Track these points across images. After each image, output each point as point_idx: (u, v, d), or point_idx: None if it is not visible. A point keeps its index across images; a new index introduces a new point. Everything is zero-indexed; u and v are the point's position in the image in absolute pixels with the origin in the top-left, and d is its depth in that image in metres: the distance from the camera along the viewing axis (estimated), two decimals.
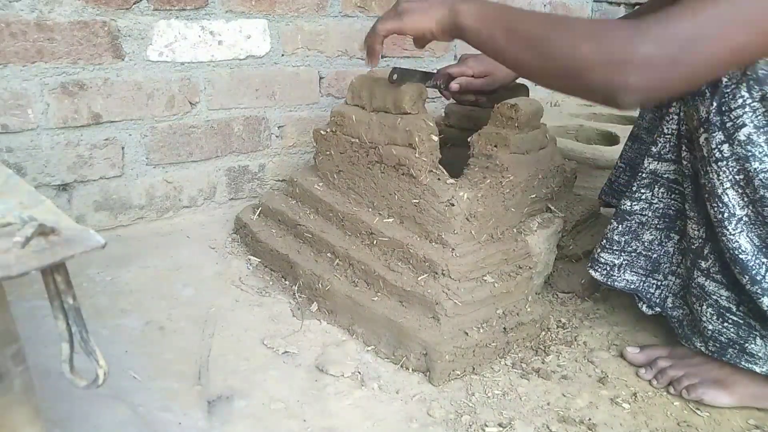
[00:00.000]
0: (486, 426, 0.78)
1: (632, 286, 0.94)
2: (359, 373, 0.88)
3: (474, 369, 0.89)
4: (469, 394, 0.85)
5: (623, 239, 0.92)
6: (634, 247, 0.92)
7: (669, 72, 0.68)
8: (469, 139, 1.04)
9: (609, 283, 0.95)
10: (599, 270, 0.95)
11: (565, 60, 0.73)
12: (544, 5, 2.07)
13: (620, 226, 0.92)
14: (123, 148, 1.23)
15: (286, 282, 1.10)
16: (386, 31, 0.88)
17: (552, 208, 1.08)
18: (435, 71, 1.09)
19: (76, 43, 1.12)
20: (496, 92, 1.14)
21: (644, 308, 0.94)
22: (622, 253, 0.93)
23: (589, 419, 0.81)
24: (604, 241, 0.94)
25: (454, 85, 1.08)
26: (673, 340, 0.93)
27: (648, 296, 0.94)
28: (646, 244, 0.92)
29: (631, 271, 0.94)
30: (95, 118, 1.18)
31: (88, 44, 1.13)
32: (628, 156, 1.19)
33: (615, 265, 0.94)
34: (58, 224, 0.41)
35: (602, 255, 0.94)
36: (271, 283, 1.11)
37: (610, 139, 1.76)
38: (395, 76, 0.98)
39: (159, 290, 1.06)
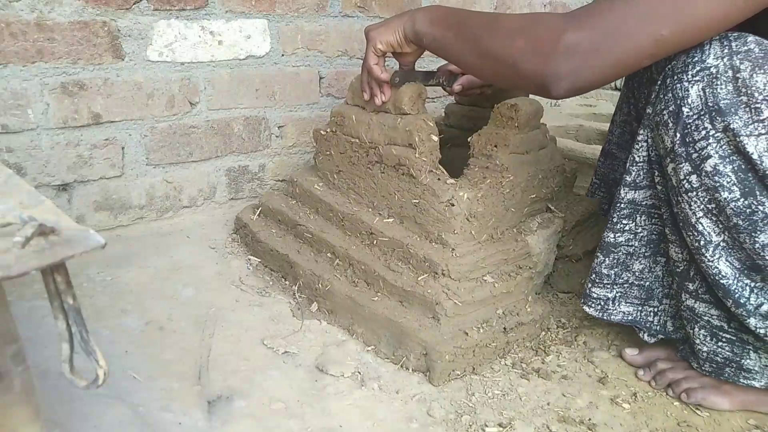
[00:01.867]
0: (486, 426, 0.78)
1: (630, 318, 0.91)
2: (359, 373, 0.88)
3: (474, 369, 0.89)
4: (469, 394, 0.85)
5: (612, 272, 0.90)
6: (626, 278, 0.90)
7: (594, 59, 0.71)
8: (469, 139, 1.04)
9: (605, 317, 0.92)
10: (593, 305, 0.92)
11: (501, 55, 0.78)
12: (544, 5, 2.07)
13: (607, 259, 0.89)
14: (123, 148, 1.23)
15: (286, 282, 1.10)
16: (368, 62, 0.96)
17: (552, 208, 1.08)
18: (436, 69, 1.09)
19: (76, 43, 1.12)
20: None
21: (646, 337, 0.91)
22: (614, 286, 0.90)
23: (589, 419, 0.81)
24: (594, 275, 0.91)
25: (457, 86, 1.09)
26: (673, 341, 0.93)
27: (648, 325, 0.92)
28: (637, 273, 0.89)
29: (626, 303, 0.91)
30: (95, 118, 1.18)
31: (88, 44, 1.13)
32: (602, 172, 1.20)
33: (609, 298, 0.91)
34: (58, 224, 0.41)
35: (594, 290, 0.91)
36: (271, 283, 1.11)
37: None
38: (397, 80, 0.98)
39: (159, 290, 1.06)
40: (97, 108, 1.18)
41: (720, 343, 0.81)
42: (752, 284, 0.75)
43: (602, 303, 0.92)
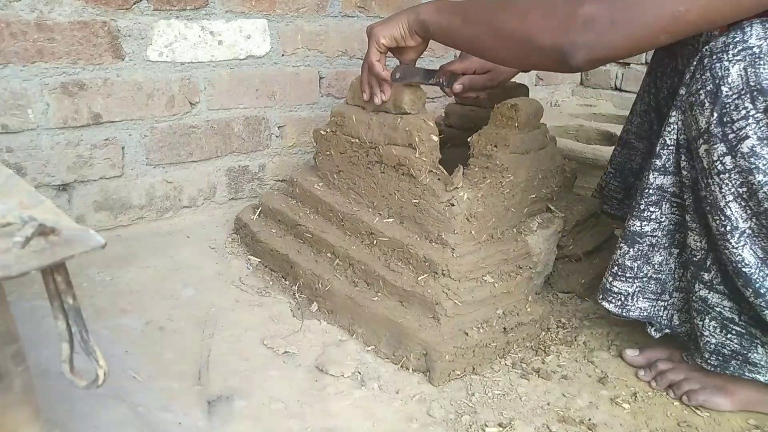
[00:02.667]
0: (486, 426, 0.78)
1: (645, 314, 0.90)
2: (359, 373, 0.88)
3: (474, 369, 0.89)
4: (469, 394, 0.85)
5: (636, 264, 0.87)
6: (646, 272, 0.88)
7: (610, 32, 0.71)
8: (469, 139, 1.04)
9: (624, 314, 0.90)
10: (613, 301, 0.90)
11: (516, 32, 0.78)
12: None
13: (631, 249, 0.87)
14: (123, 148, 1.23)
15: (286, 282, 1.10)
16: (370, 58, 0.95)
17: (552, 208, 1.08)
18: (438, 68, 1.07)
19: (76, 43, 1.12)
20: (500, 87, 1.13)
21: (653, 332, 0.90)
22: (635, 280, 0.88)
23: (589, 419, 0.81)
24: (616, 268, 0.88)
25: (458, 86, 1.06)
26: (673, 341, 0.93)
27: (657, 320, 0.90)
28: (656, 266, 0.88)
29: (643, 298, 0.89)
30: (95, 118, 1.18)
31: (88, 44, 1.13)
32: (617, 161, 1.19)
33: (629, 294, 0.89)
34: (58, 224, 0.41)
35: (615, 284, 0.89)
36: (271, 283, 1.11)
37: (610, 139, 1.76)
38: (398, 75, 0.98)
39: (159, 290, 1.06)
40: (97, 108, 1.18)
41: (729, 336, 0.81)
42: None
43: (622, 299, 0.89)
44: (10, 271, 0.36)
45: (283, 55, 1.38)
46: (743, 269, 0.75)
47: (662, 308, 0.90)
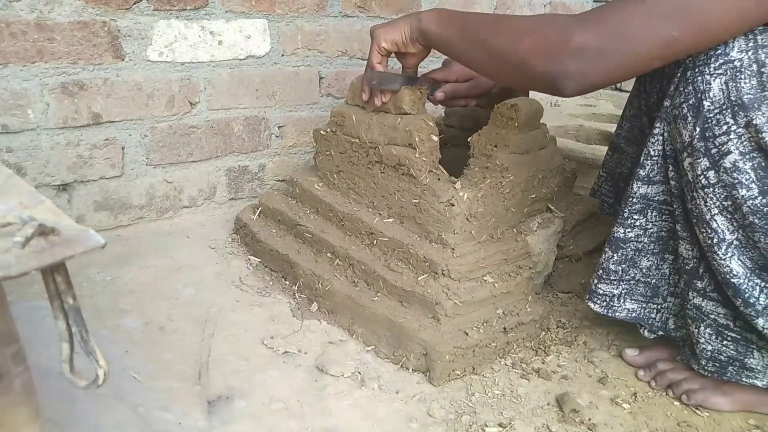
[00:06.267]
0: (486, 426, 0.78)
1: (634, 315, 0.91)
2: (359, 373, 0.88)
3: (474, 369, 0.89)
4: (469, 394, 0.85)
5: (620, 268, 0.89)
6: (632, 275, 0.89)
7: (600, 61, 0.71)
8: (469, 139, 1.04)
9: (610, 314, 0.91)
10: (598, 302, 0.91)
11: (509, 55, 0.78)
12: (544, 5, 2.07)
13: (615, 255, 0.88)
14: (123, 148, 1.23)
15: (286, 282, 1.10)
16: (371, 61, 0.96)
17: (552, 208, 1.08)
18: (418, 76, 1.04)
19: (76, 43, 1.12)
20: (484, 96, 1.12)
21: (646, 333, 0.91)
22: (621, 283, 0.89)
23: (589, 419, 0.81)
24: (601, 271, 0.90)
25: (439, 95, 1.05)
26: (673, 341, 0.93)
27: (650, 322, 0.91)
28: (644, 270, 0.89)
29: (631, 300, 0.90)
30: (95, 118, 1.18)
31: (88, 44, 1.13)
32: (609, 166, 1.20)
33: (614, 295, 0.90)
34: (58, 224, 0.41)
35: (600, 286, 0.91)
36: (271, 283, 1.11)
37: (610, 139, 1.77)
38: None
39: (159, 290, 1.06)
40: (97, 108, 1.18)
41: (725, 342, 0.81)
42: (763, 284, 0.74)
43: (608, 300, 0.91)
44: (10, 271, 0.36)
45: (283, 55, 1.38)
46: (732, 280, 0.75)
47: (654, 311, 0.91)
